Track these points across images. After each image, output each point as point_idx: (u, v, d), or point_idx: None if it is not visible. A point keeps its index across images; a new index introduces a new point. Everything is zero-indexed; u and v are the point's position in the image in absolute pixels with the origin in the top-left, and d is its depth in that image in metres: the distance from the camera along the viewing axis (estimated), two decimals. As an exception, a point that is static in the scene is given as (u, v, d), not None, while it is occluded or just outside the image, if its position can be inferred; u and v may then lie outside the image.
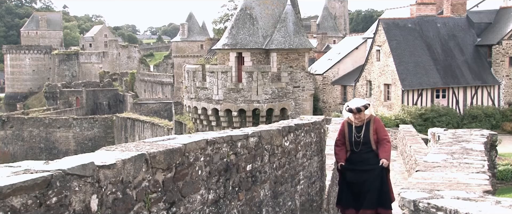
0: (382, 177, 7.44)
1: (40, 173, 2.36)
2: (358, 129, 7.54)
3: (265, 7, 30.98)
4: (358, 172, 7.51)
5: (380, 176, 7.42)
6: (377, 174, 7.41)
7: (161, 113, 61.97)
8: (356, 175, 7.53)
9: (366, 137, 7.50)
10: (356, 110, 7.46)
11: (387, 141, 7.63)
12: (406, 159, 14.06)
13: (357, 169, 7.52)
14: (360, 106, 7.49)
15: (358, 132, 7.51)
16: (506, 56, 37.44)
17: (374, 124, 7.56)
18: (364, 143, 7.50)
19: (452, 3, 39.64)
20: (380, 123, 7.69)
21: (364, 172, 7.50)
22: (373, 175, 7.42)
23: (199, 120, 30.36)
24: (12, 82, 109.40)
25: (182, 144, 3.59)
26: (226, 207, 4.37)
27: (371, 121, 7.56)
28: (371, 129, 7.51)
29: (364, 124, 7.52)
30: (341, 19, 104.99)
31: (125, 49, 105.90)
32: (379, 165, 7.42)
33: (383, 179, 7.43)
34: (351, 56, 44.53)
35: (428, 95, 36.05)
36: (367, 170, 7.49)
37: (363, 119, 7.53)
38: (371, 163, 7.50)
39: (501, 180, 20.96)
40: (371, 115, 7.66)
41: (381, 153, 7.51)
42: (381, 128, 7.66)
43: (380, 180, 7.40)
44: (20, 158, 56.16)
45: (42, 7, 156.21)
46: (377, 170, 7.42)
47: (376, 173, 7.42)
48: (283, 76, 29.10)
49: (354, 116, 7.53)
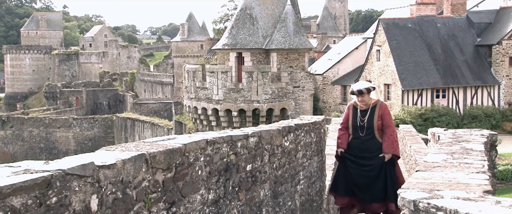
0: (386, 169, 7.01)
1: (40, 173, 2.36)
2: (363, 113, 7.14)
3: (265, 7, 30.98)
4: (359, 159, 7.13)
5: (382, 168, 7.00)
6: (378, 165, 7.00)
7: (161, 113, 61.97)
8: (355, 163, 7.15)
9: (369, 121, 7.06)
10: (357, 92, 7.06)
11: (392, 130, 7.13)
12: (406, 159, 14.07)
13: (357, 155, 7.14)
14: (363, 88, 7.06)
15: (363, 116, 7.11)
16: (506, 56, 37.45)
17: (380, 109, 7.12)
18: (367, 128, 7.07)
19: (452, 3, 39.65)
20: (386, 109, 7.23)
21: (364, 160, 7.10)
22: (374, 166, 7.02)
23: (199, 120, 30.36)
24: (12, 82, 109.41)
25: (182, 144, 3.59)
26: (226, 207, 4.37)
27: (377, 105, 7.14)
28: (376, 114, 7.07)
29: (370, 108, 7.10)
30: (341, 19, 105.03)
31: (125, 49, 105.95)
32: (381, 155, 7.02)
33: (387, 171, 7.01)
34: (351, 56, 44.55)
35: (428, 95, 36.06)
36: (367, 158, 7.08)
37: (367, 102, 7.10)
38: (372, 151, 7.06)
39: (501, 180, 20.98)
40: (378, 100, 7.27)
41: (385, 145, 7.05)
42: (387, 114, 7.17)
43: (384, 173, 6.99)
44: (20, 158, 56.15)
45: (42, 7, 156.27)
46: (378, 161, 7.00)
47: (377, 164, 7.01)
48: (283, 76, 29.09)
49: (357, 98, 7.16)
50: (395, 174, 7.26)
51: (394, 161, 7.23)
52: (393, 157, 7.19)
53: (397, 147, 7.28)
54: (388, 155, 7.04)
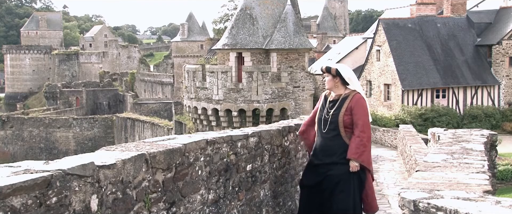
0: (351, 184, 5.25)
1: (40, 173, 2.36)
2: (332, 104, 5.48)
3: (265, 7, 30.98)
4: (318, 166, 5.46)
5: (342, 182, 5.25)
6: (336, 177, 5.28)
7: (161, 113, 61.98)
8: (314, 171, 5.51)
9: (335, 115, 5.37)
10: (325, 68, 5.50)
11: (362, 130, 5.27)
12: (406, 159, 14.06)
13: (318, 158, 5.48)
14: (330, 66, 5.50)
15: (330, 108, 5.45)
16: (506, 56, 37.45)
17: (351, 101, 5.37)
18: (331, 123, 5.38)
19: (452, 3, 39.65)
20: (360, 102, 5.38)
21: (323, 167, 5.40)
22: (332, 177, 5.31)
23: (199, 120, 30.35)
24: (12, 82, 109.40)
25: (182, 144, 3.59)
26: (226, 207, 4.37)
27: (348, 96, 5.41)
28: (344, 106, 5.36)
29: (340, 99, 5.43)
30: (341, 19, 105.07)
31: (125, 49, 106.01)
32: (347, 163, 5.27)
33: (351, 187, 5.25)
34: (351, 56, 44.57)
35: (428, 95, 36.05)
36: (326, 164, 5.37)
37: (334, 87, 5.48)
38: (336, 154, 5.34)
39: (501, 180, 20.97)
40: (354, 91, 5.47)
41: (350, 148, 5.27)
42: (360, 108, 5.34)
43: (344, 189, 5.23)
44: (20, 158, 56.16)
45: (42, 7, 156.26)
46: (338, 171, 5.29)
47: (335, 175, 5.29)
48: (283, 76, 29.09)
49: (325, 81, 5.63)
50: (358, 195, 5.32)
51: (364, 174, 5.38)
52: (363, 168, 5.34)
53: (367, 154, 5.34)
54: (354, 163, 5.26)
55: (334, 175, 5.32)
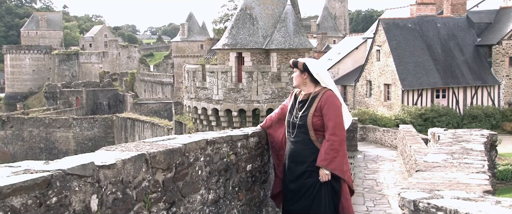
0: (322, 196, 4.54)
1: (40, 173, 2.36)
2: (301, 104, 4.80)
3: (265, 7, 30.99)
4: (287, 177, 4.81)
5: (318, 190, 4.55)
6: (306, 186, 4.61)
7: (161, 113, 62.01)
8: (284, 182, 4.88)
9: (303, 117, 4.70)
10: (292, 63, 4.94)
11: (333, 133, 4.53)
12: (406, 159, 14.06)
13: (287, 167, 4.82)
14: (297, 60, 4.93)
15: (300, 109, 4.78)
16: (506, 56, 37.46)
17: (321, 100, 4.66)
18: (299, 126, 4.71)
19: (452, 3, 39.67)
20: (331, 99, 4.65)
21: (293, 176, 4.72)
22: (300, 186, 4.65)
23: (199, 120, 30.36)
24: (12, 82, 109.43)
25: (182, 144, 3.59)
26: (226, 207, 4.37)
27: (318, 94, 4.71)
28: (313, 106, 4.67)
29: (309, 98, 4.75)
30: (341, 19, 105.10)
31: (125, 49, 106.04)
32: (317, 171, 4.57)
33: (322, 199, 4.54)
34: (351, 56, 44.60)
35: (428, 95, 36.07)
36: (297, 174, 4.68)
37: (301, 84, 4.82)
38: (306, 162, 4.64)
39: (501, 180, 20.99)
40: (324, 89, 4.75)
41: (320, 153, 4.57)
42: (331, 107, 4.61)
43: (318, 199, 4.54)
44: (20, 158, 56.18)
45: (42, 7, 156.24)
46: (308, 179, 4.60)
47: (304, 184, 4.62)
48: (283, 76, 29.09)
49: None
50: (331, 208, 4.59)
51: (338, 183, 4.62)
52: (336, 177, 4.58)
53: (339, 161, 4.56)
54: (324, 171, 4.53)
55: (304, 186, 4.61)
